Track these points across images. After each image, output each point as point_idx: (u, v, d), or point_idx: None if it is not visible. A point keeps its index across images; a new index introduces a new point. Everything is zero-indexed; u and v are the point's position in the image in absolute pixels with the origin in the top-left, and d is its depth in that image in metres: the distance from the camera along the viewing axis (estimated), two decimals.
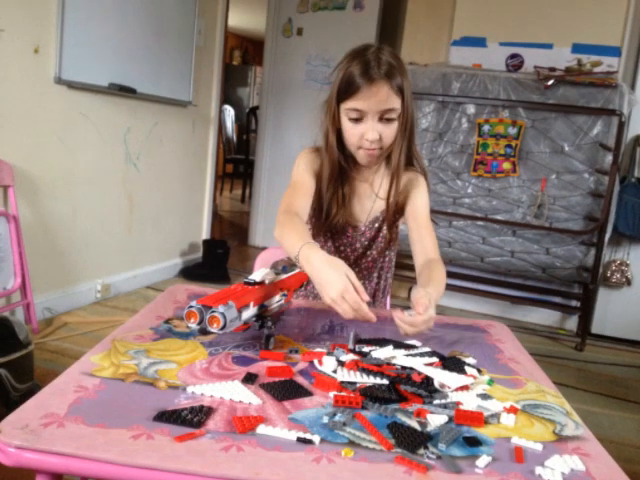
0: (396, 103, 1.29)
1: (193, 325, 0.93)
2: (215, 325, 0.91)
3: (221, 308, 0.91)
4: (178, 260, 3.93)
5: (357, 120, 1.30)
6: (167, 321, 1.11)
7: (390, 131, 1.32)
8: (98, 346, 0.96)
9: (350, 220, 1.48)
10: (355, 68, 1.27)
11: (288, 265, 1.17)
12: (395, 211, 1.46)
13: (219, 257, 3.92)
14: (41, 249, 2.72)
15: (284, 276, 1.13)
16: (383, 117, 1.29)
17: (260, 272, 1.06)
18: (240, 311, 0.95)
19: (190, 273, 3.87)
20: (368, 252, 1.52)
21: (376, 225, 1.48)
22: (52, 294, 2.81)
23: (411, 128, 1.38)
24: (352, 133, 1.32)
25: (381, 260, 1.55)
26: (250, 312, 0.98)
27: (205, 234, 4.25)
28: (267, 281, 1.05)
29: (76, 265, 2.97)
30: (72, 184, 2.86)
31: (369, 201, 1.48)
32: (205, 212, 4.22)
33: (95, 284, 3.10)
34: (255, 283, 1.03)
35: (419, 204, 1.44)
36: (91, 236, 3.05)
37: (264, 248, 1.84)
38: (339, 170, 1.42)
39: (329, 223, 1.45)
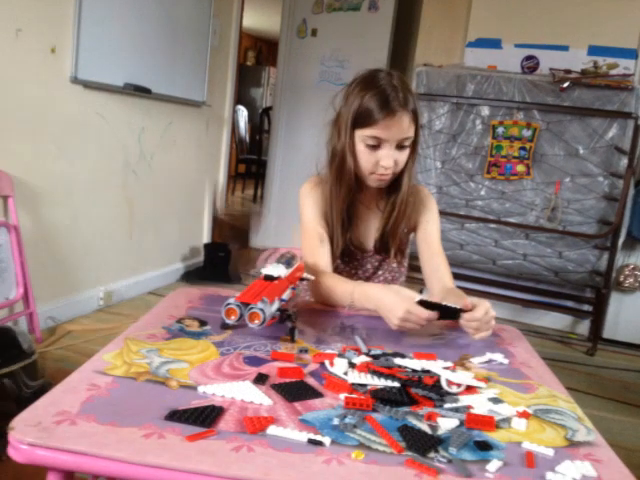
0: (412, 131, 1.33)
1: (232, 322, 0.98)
2: (256, 321, 0.96)
3: (260, 304, 0.95)
4: (180, 265, 3.90)
5: (374, 147, 1.32)
6: (179, 321, 1.12)
7: (404, 157, 1.35)
8: (111, 345, 0.97)
9: (358, 243, 1.48)
10: (372, 99, 1.28)
11: (289, 258, 1.19)
12: (407, 231, 1.48)
13: (221, 260, 3.90)
14: (43, 258, 2.69)
15: (290, 270, 1.15)
16: (400, 144, 1.32)
17: (274, 267, 1.09)
18: (271, 306, 0.99)
19: (192, 277, 3.85)
20: (380, 272, 1.52)
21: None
22: (55, 303, 2.78)
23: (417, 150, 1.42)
24: (367, 159, 1.34)
25: (393, 275, 1.55)
26: (275, 306, 1.02)
27: (206, 238, 4.21)
28: (283, 275, 1.08)
29: (78, 273, 2.94)
30: (74, 188, 2.82)
31: (376, 223, 1.48)
32: (205, 215, 4.17)
33: (98, 291, 3.07)
34: (274, 278, 1.06)
35: (431, 229, 1.47)
36: (92, 243, 3.01)
37: (276, 248, 1.84)
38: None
39: (339, 246, 1.44)
